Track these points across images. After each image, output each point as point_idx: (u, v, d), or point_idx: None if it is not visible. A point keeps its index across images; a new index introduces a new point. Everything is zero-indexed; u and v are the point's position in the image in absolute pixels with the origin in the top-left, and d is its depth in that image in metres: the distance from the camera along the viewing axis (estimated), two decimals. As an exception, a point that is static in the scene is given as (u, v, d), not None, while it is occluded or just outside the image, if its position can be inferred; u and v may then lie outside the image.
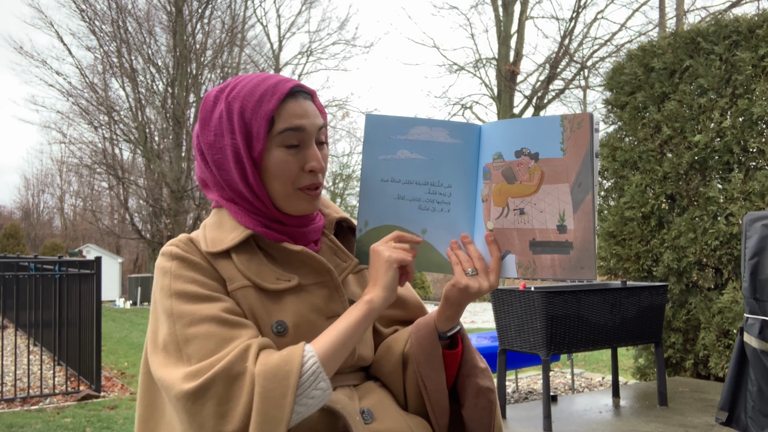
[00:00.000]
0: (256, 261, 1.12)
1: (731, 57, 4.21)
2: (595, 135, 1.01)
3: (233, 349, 1.00)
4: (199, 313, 1.04)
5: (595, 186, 1.01)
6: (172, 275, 1.09)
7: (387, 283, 1.07)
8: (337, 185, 24.56)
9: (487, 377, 1.21)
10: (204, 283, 1.08)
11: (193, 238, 1.15)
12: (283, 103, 1.11)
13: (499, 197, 1.08)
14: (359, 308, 1.08)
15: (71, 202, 36.96)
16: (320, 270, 1.15)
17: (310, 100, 1.15)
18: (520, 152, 1.06)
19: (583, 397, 4.19)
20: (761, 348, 2.29)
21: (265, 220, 1.15)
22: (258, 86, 1.12)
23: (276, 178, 1.11)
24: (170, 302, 1.06)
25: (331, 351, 1.04)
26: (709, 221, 4.23)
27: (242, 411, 0.96)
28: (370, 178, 1.13)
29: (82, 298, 6.10)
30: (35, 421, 4.81)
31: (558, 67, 15.81)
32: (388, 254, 1.07)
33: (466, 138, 1.11)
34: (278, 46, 22.67)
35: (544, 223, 1.04)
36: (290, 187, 1.12)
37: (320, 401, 1.02)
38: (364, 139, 1.12)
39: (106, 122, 19.77)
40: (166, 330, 1.05)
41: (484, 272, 1.08)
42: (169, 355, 1.03)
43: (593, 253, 1.01)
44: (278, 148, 1.11)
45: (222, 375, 0.97)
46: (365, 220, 1.14)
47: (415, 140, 1.12)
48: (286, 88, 1.11)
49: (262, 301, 1.10)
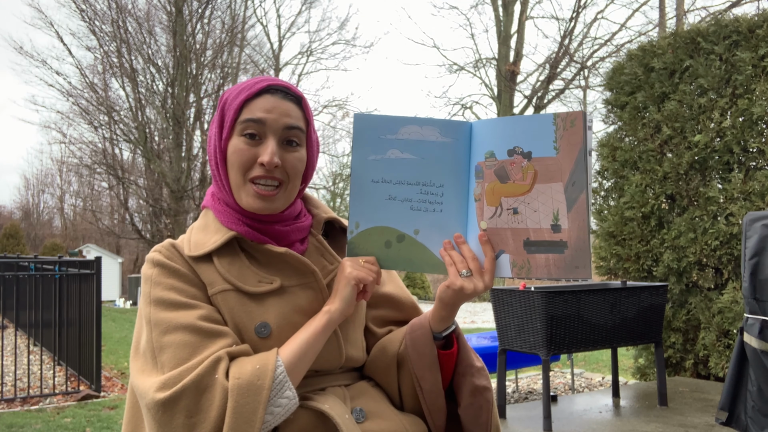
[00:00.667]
0: (237, 264, 1.13)
1: (731, 57, 4.21)
2: (589, 133, 1.00)
3: (204, 359, 1.01)
4: (175, 321, 1.05)
5: (589, 185, 1.00)
6: (153, 282, 1.10)
7: (345, 297, 1.11)
8: (337, 185, 24.57)
9: (484, 376, 1.21)
10: (182, 290, 1.09)
11: (176, 244, 1.16)
12: (255, 97, 1.13)
13: (492, 196, 1.07)
14: (320, 318, 1.11)
15: (71, 202, 36.97)
16: (304, 271, 1.15)
17: (293, 103, 1.15)
18: (513, 151, 1.04)
19: (583, 397, 4.19)
20: (761, 348, 2.29)
21: (243, 218, 1.15)
22: (245, 83, 1.16)
23: (231, 166, 1.13)
24: (149, 309, 1.08)
25: (295, 359, 1.06)
26: (709, 221, 4.23)
27: (212, 424, 0.97)
28: (360, 179, 1.12)
29: (82, 298, 6.10)
30: (35, 421, 4.81)
31: (558, 67, 15.80)
32: (349, 270, 1.12)
33: (457, 136, 1.10)
34: (278, 46, 22.67)
35: (538, 222, 1.03)
36: (242, 177, 1.13)
37: (287, 410, 1.03)
38: (353, 139, 1.11)
39: (106, 122, 19.76)
40: (144, 337, 1.07)
41: (479, 273, 1.08)
42: (147, 361, 1.05)
43: (588, 252, 1.00)
44: (237, 136, 1.13)
45: (191, 387, 0.98)
46: (356, 222, 1.13)
47: (405, 139, 1.10)
48: (263, 85, 1.14)
49: (244, 303, 1.10)
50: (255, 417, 0.97)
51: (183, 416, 0.97)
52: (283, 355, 1.05)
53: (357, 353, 1.21)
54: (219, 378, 0.99)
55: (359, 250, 1.13)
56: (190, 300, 1.08)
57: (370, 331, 1.27)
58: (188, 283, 1.11)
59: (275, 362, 1.02)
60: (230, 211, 1.16)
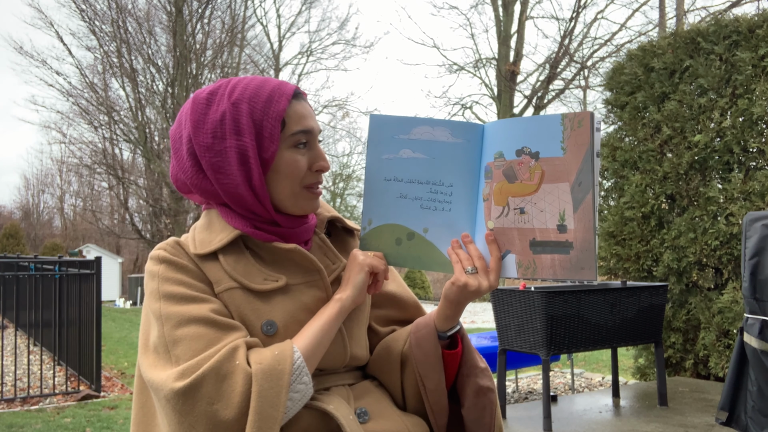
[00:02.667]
0: (243, 262, 1.13)
1: (731, 57, 4.21)
2: (596, 134, 1.00)
3: (221, 348, 1.01)
4: (188, 314, 1.05)
5: (596, 186, 1.00)
6: (160, 278, 1.10)
7: (357, 283, 1.13)
8: (337, 185, 24.56)
9: (487, 377, 1.21)
10: (191, 284, 1.09)
11: (181, 242, 1.16)
12: (289, 104, 1.13)
13: (499, 196, 1.08)
14: (332, 306, 1.13)
15: (71, 202, 36.97)
16: (310, 269, 1.16)
17: (306, 102, 1.18)
18: (521, 151, 1.05)
19: (583, 397, 4.19)
20: (761, 348, 2.29)
21: (257, 222, 1.15)
22: (261, 88, 1.13)
23: (287, 177, 1.13)
24: (159, 305, 1.07)
25: (311, 347, 1.07)
26: (709, 221, 4.23)
27: (235, 409, 0.96)
28: (373, 177, 1.14)
29: (82, 298, 6.10)
30: (35, 421, 4.81)
31: (558, 67, 15.79)
32: (362, 258, 1.14)
33: (469, 137, 1.11)
34: (278, 46, 22.67)
35: (544, 222, 1.04)
36: (298, 186, 1.14)
37: (303, 396, 1.04)
38: (368, 138, 1.14)
39: (106, 122, 19.75)
40: (156, 332, 1.06)
41: (484, 271, 1.08)
42: (159, 356, 1.04)
43: (594, 253, 1.00)
44: (289, 148, 1.13)
45: (211, 374, 0.98)
46: (369, 219, 1.15)
47: (417, 140, 1.12)
48: (290, 90, 1.14)
49: (250, 301, 1.10)
50: (279, 401, 0.98)
51: (204, 403, 0.97)
52: (298, 344, 1.06)
53: (361, 352, 1.21)
54: (240, 363, 0.99)
55: (371, 247, 1.15)
56: (200, 294, 1.08)
57: (373, 330, 1.27)
58: (196, 279, 1.11)
59: (293, 349, 1.04)
60: (238, 215, 1.16)
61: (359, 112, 24.91)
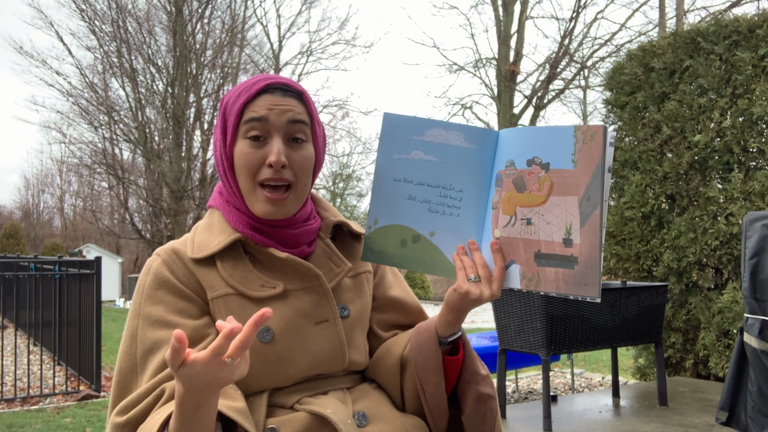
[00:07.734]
0: (240, 267, 1.12)
1: (731, 57, 4.21)
2: (609, 149, 0.97)
3: (159, 393, 1.03)
4: (159, 340, 1.07)
5: (605, 202, 0.97)
6: (144, 294, 1.11)
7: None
8: (337, 185, 24.56)
9: (489, 384, 1.19)
10: (171, 303, 1.10)
11: (178, 250, 1.14)
12: (255, 97, 1.11)
13: (508, 205, 1.06)
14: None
15: (71, 202, 36.98)
16: (308, 275, 1.14)
17: (295, 98, 1.13)
18: (532, 161, 1.03)
19: (583, 397, 4.19)
20: (761, 348, 2.29)
21: (252, 221, 1.14)
22: (243, 84, 1.14)
23: (239, 171, 1.12)
24: (137, 322, 1.09)
25: None
26: (709, 221, 4.23)
27: None
28: (383, 177, 1.11)
29: (82, 298, 6.10)
30: (35, 421, 4.81)
31: (558, 67, 15.78)
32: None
33: (482, 143, 1.09)
34: (278, 46, 22.66)
35: (550, 235, 1.02)
36: (251, 181, 1.11)
37: None
38: (381, 137, 1.11)
39: (106, 122, 19.73)
40: (127, 347, 1.09)
41: (487, 280, 1.07)
42: (132, 369, 1.08)
43: (598, 270, 0.97)
44: (242, 140, 1.11)
45: (140, 415, 1.02)
46: (375, 218, 1.13)
47: (430, 142, 1.10)
48: (262, 84, 1.11)
49: (246, 308, 1.10)
50: None
51: None
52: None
53: (360, 358, 1.20)
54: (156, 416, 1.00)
55: (375, 246, 1.13)
56: (176, 317, 1.09)
57: (375, 334, 1.26)
58: (179, 296, 1.10)
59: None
60: (238, 213, 1.15)
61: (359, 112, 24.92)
